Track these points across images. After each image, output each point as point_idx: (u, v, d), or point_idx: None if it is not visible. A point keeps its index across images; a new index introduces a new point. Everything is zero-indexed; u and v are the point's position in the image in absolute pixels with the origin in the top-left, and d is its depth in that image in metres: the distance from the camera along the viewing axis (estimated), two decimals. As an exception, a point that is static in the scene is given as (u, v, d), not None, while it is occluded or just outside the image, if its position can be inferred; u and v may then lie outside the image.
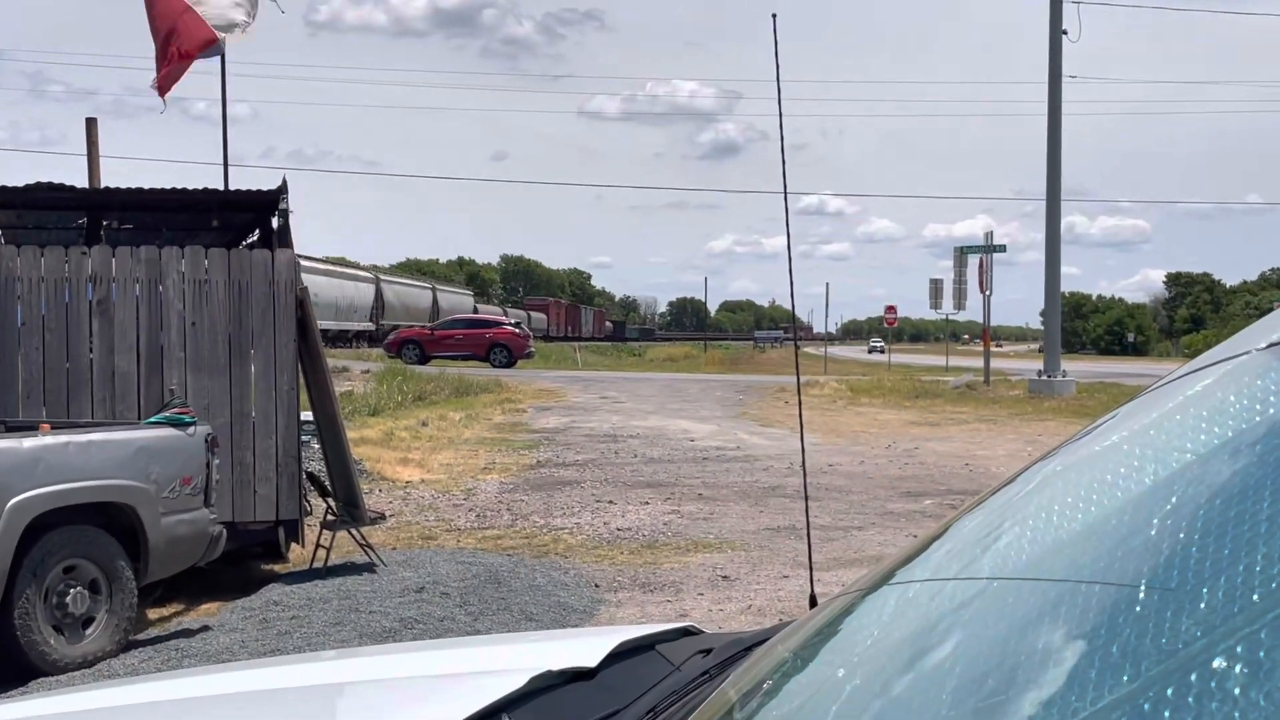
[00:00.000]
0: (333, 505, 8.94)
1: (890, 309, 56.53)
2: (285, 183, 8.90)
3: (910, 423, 22.47)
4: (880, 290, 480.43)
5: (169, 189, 9.18)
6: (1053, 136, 29.59)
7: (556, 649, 2.00)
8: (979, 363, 37.12)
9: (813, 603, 1.82)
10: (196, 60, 11.45)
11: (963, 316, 41.63)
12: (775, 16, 2.28)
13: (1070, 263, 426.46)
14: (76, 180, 9.47)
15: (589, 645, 1.78)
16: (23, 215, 10.36)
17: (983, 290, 33.42)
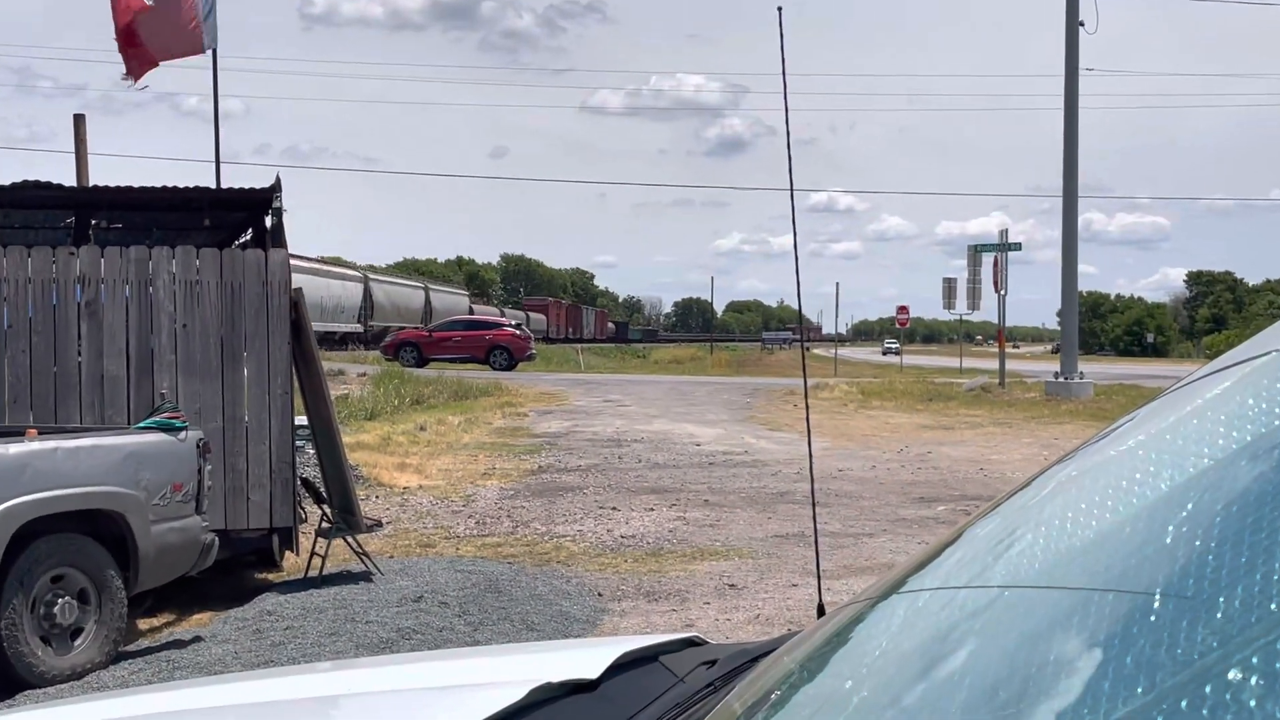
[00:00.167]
0: (328, 512, 8.95)
1: (902, 309, 56.51)
2: (279, 180, 8.91)
3: (923, 426, 22.46)
4: (892, 290, 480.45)
5: (159, 187, 9.19)
6: (1069, 131, 29.57)
7: (557, 660, 2.00)
8: (993, 364, 37.10)
9: (820, 612, 1.83)
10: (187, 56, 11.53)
11: (977, 317, 41.61)
12: (781, 9, 2.28)
13: (1087, 261, 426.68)
14: (64, 178, 9.50)
15: (591, 656, 1.79)
16: (9, 214, 10.38)
17: (997, 290, 33.41)
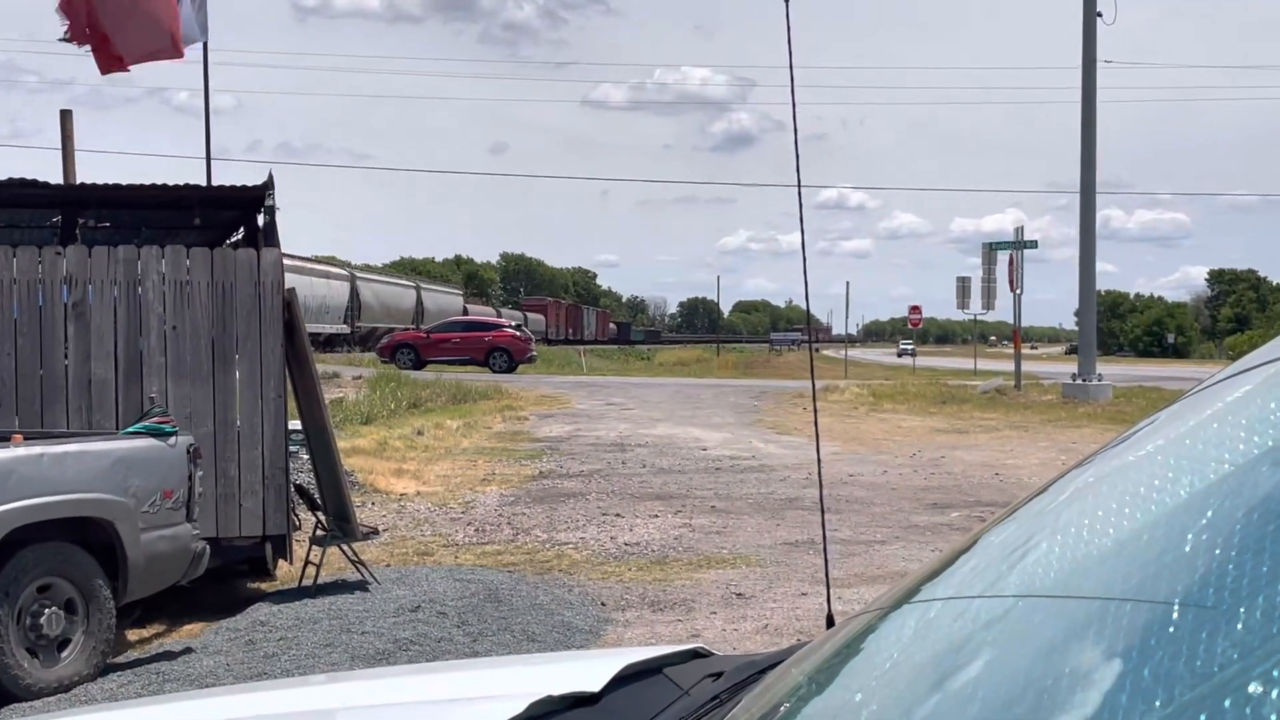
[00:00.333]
0: (323, 519, 8.95)
1: (914, 309, 56.52)
2: (271, 178, 8.92)
3: (936, 430, 22.45)
4: (904, 289, 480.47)
5: (148, 185, 9.20)
6: (1087, 125, 29.56)
7: (559, 672, 2.01)
8: (1009, 366, 37.08)
9: (830, 622, 1.83)
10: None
11: (991, 317, 41.69)
12: (788, 0, 2.28)
13: (1106, 259, 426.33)
14: (51, 176, 9.50)
15: (593, 668, 1.79)
16: (-6, 213, 10.39)
17: (1013, 289, 33.41)
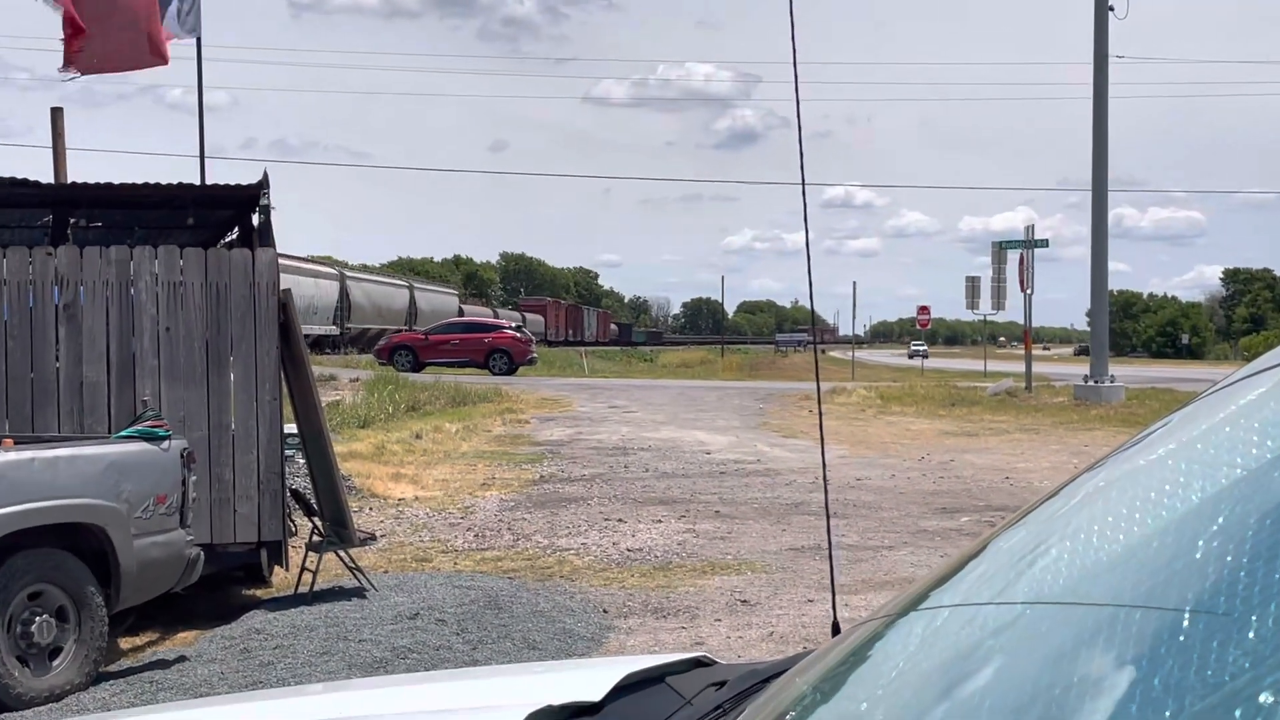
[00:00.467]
0: (319, 525, 8.95)
1: (923, 309, 56.53)
2: (266, 176, 8.93)
3: (945, 433, 22.45)
4: (912, 289, 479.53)
5: (141, 184, 9.20)
6: (1099, 122, 29.55)
7: (559, 681, 2.00)
8: (1020, 367, 37.08)
9: (835, 630, 1.83)
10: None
11: (1002, 317, 41.69)
12: (792, -5, 2.28)
13: (1119, 258, 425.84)
14: (42, 175, 9.50)
15: (594, 677, 1.79)
16: (-16, 213, 10.40)
17: (1023, 289, 33.40)
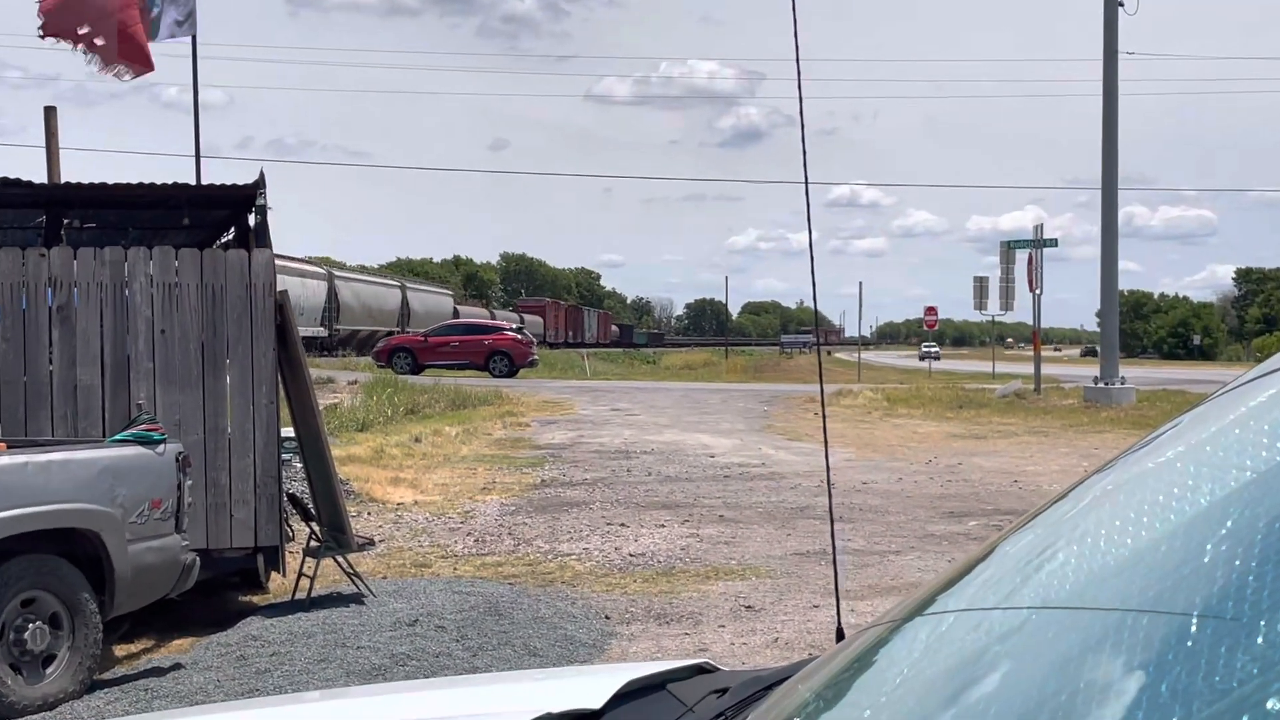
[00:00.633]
0: (316, 530, 8.96)
1: (930, 310, 56.59)
2: (263, 176, 8.94)
3: (953, 435, 22.44)
4: (919, 289, 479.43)
5: (135, 184, 9.21)
6: (1108, 119, 29.54)
7: (560, 688, 2.01)
8: (1028, 369, 37.07)
9: (839, 636, 1.83)
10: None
11: (1010, 318, 41.66)
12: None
13: (1129, 258, 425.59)
14: (35, 174, 9.51)
15: (595, 684, 1.79)
16: (-24, 214, 10.41)
17: (1032, 289, 33.39)
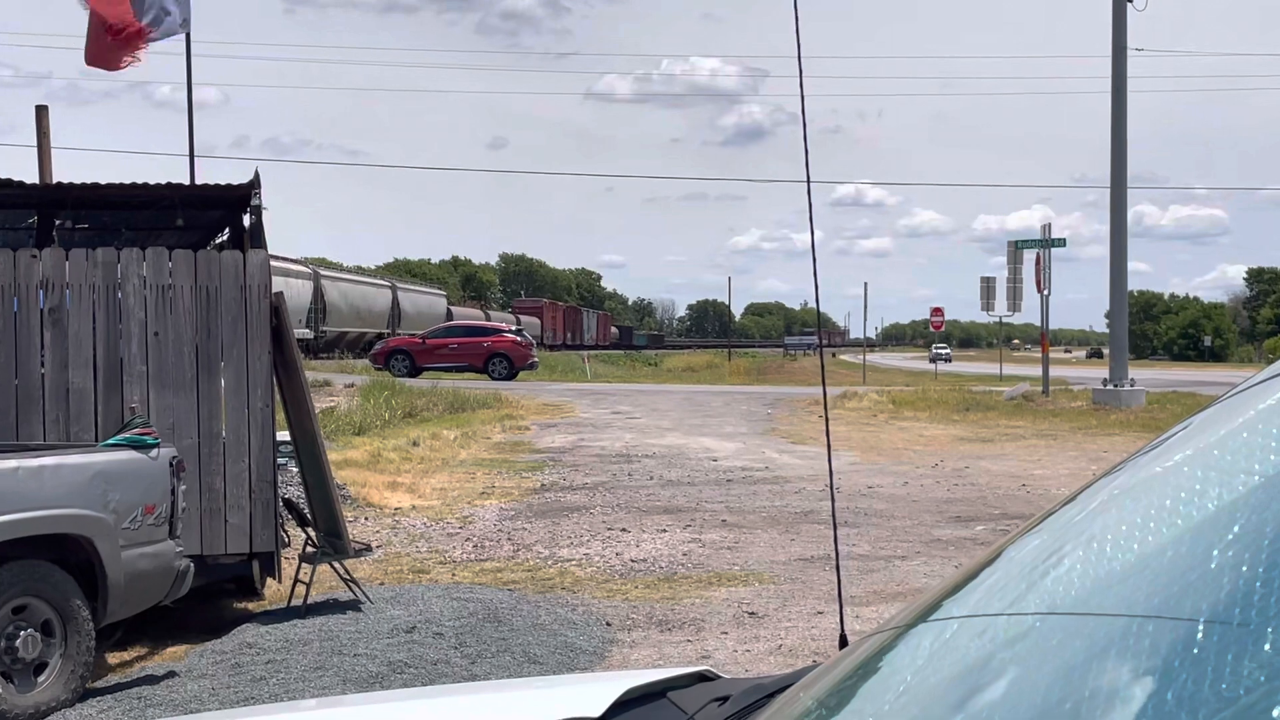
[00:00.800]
0: (313, 536, 8.96)
1: (936, 311, 56.56)
2: (258, 176, 8.94)
3: (959, 439, 22.43)
4: (925, 290, 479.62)
5: (129, 184, 9.22)
6: (1117, 117, 29.53)
7: (560, 696, 2.01)
8: (1036, 370, 37.06)
9: (843, 643, 1.83)
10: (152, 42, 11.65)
11: (1018, 319, 41.68)
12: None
13: (1138, 258, 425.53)
14: (26, 175, 9.52)
15: (595, 692, 1.79)
16: (-34, 215, 10.42)
17: (1040, 290, 33.40)
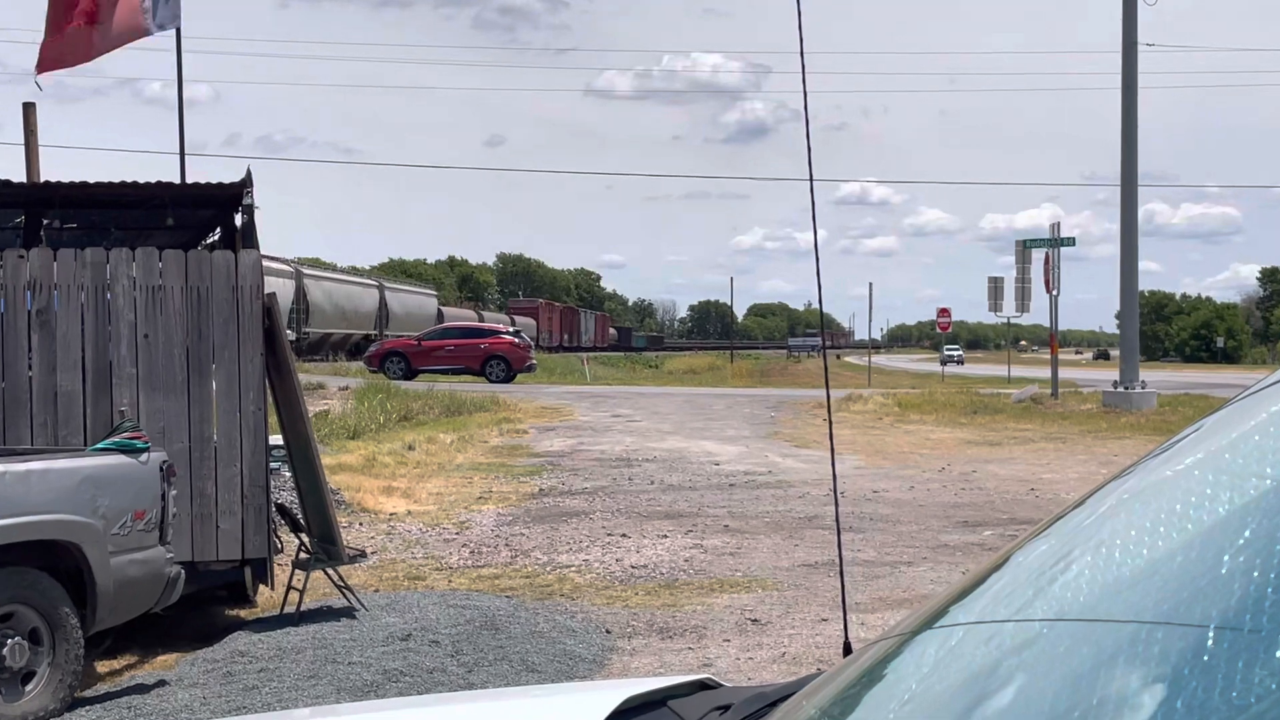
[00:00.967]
0: (306, 541, 8.96)
1: (943, 311, 56.56)
2: (250, 174, 8.95)
3: (967, 442, 22.44)
4: (931, 290, 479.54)
5: (118, 183, 9.23)
6: (1128, 113, 29.53)
7: (558, 705, 2.01)
8: (1045, 372, 37.07)
9: (846, 650, 1.83)
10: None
11: (1026, 320, 41.67)
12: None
13: (1149, 257, 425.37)
14: (13, 173, 9.53)
15: (593, 701, 1.79)
16: (-47, 214, 10.43)
17: (1049, 290, 33.38)
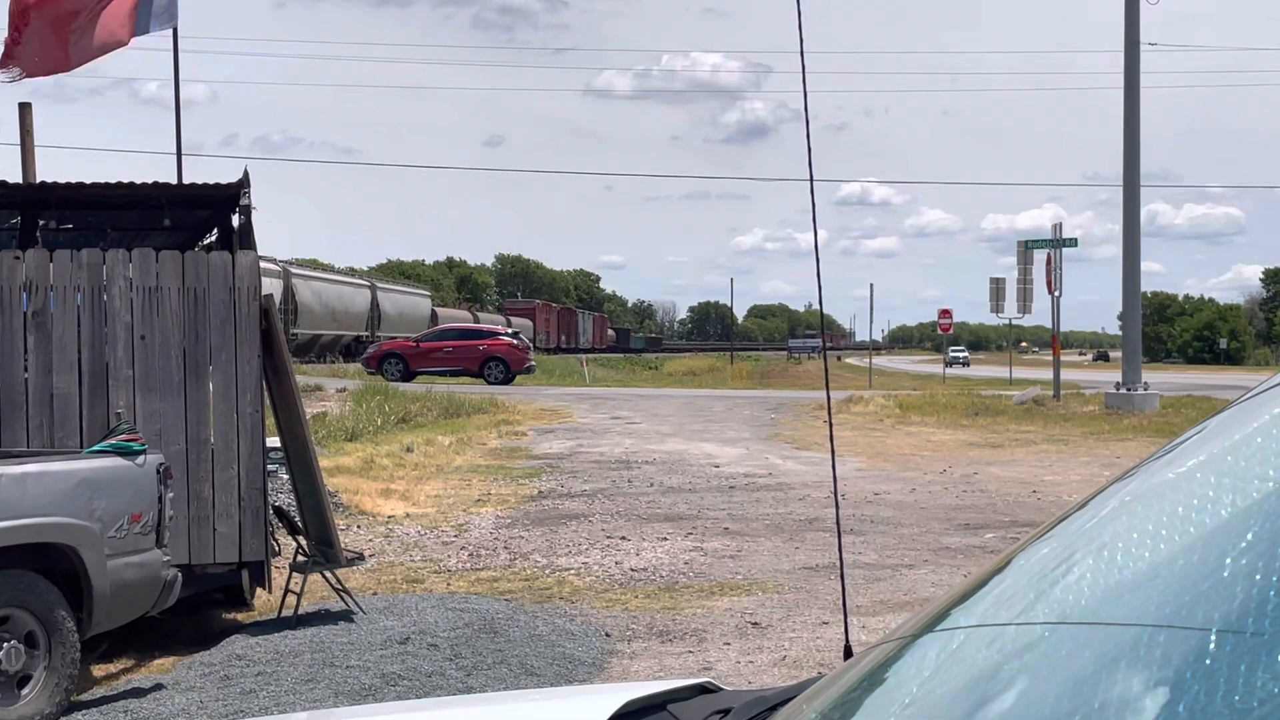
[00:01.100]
0: (303, 544, 8.96)
1: (944, 312, 56.51)
2: (247, 175, 8.95)
3: (968, 444, 22.44)
4: (933, 291, 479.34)
5: (114, 183, 9.22)
6: (1130, 113, 29.53)
7: (558, 709, 2.01)
8: (1047, 374, 37.08)
9: (847, 654, 1.83)
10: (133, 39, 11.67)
11: (1028, 321, 41.68)
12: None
13: (1152, 258, 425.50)
14: (8, 174, 9.53)
15: (593, 705, 1.79)
16: (-52, 215, 10.42)
17: (1051, 291, 33.39)
